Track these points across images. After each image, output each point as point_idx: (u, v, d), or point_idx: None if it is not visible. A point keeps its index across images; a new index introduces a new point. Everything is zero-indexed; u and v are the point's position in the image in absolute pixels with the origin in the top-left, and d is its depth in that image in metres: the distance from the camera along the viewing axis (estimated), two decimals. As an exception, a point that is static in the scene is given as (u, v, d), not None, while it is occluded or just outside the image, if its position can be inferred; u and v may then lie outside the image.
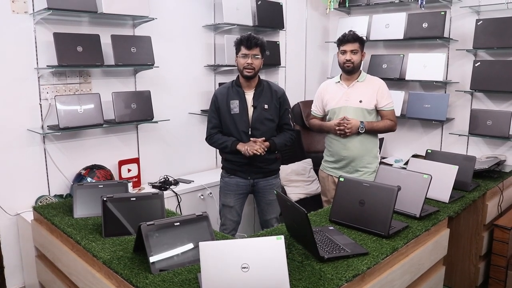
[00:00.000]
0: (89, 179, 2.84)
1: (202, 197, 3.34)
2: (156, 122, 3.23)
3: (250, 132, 2.68)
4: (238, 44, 2.66)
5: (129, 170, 3.17)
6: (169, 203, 3.02)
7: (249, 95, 2.71)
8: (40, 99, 2.79)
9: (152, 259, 1.66)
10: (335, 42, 3.01)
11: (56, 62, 2.69)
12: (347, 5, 4.15)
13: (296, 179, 3.68)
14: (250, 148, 2.59)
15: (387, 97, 2.87)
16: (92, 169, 2.92)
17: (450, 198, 2.43)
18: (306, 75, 4.40)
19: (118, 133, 3.20)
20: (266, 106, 2.70)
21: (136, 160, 3.23)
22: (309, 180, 3.74)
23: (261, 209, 2.86)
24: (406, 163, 3.34)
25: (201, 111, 3.66)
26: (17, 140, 2.74)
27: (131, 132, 3.28)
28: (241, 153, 2.63)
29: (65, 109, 2.74)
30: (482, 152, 3.58)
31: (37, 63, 2.75)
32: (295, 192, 3.62)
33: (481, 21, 3.38)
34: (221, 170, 2.88)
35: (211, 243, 1.48)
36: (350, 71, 2.84)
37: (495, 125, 3.29)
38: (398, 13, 3.88)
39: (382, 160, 3.80)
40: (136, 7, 2.96)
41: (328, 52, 4.59)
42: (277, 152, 2.79)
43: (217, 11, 3.65)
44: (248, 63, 2.61)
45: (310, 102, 3.23)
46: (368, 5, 4.09)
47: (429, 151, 2.89)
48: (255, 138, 2.65)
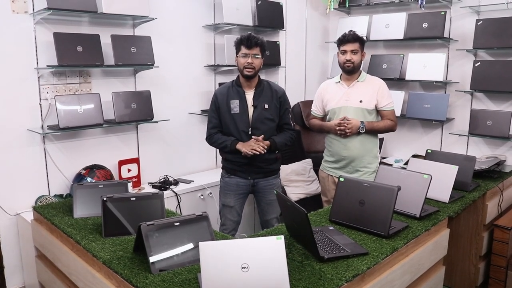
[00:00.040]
0: (89, 179, 2.84)
1: (202, 197, 3.34)
2: (156, 122, 3.23)
3: (250, 132, 2.68)
4: (238, 44, 2.66)
5: (129, 170, 3.17)
6: (169, 203, 3.02)
7: (249, 95, 2.71)
8: (40, 99, 2.79)
9: (152, 259, 1.66)
10: (335, 42, 3.01)
11: (56, 62, 2.69)
12: (347, 5, 4.15)
13: (296, 179, 3.68)
14: (250, 149, 2.59)
15: (387, 97, 2.87)
16: (92, 169, 2.92)
17: (450, 198, 2.43)
18: (306, 75, 4.40)
19: (118, 133, 3.20)
20: (266, 106, 2.70)
21: (136, 160, 3.23)
22: (309, 180, 3.74)
23: (262, 209, 2.86)
24: (406, 163, 3.34)
25: (201, 111, 3.66)
26: (17, 140, 2.74)
27: (131, 132, 3.28)
28: (241, 153, 2.63)
29: (65, 109, 2.74)
30: (482, 152, 3.57)
31: (37, 63, 2.75)
32: (295, 192, 3.62)
33: (481, 21, 3.38)
34: (221, 170, 2.87)
35: (211, 243, 1.48)
36: (350, 71, 2.84)
37: (495, 125, 3.29)
38: (398, 13, 3.88)
39: (382, 160, 3.79)
40: (136, 7, 2.96)
41: (328, 52, 4.59)
42: (277, 152, 2.79)
43: (217, 11, 3.65)
44: (248, 62, 2.61)
45: (310, 102, 3.23)
46: (368, 5, 4.09)
47: (429, 151, 2.89)
48: (256, 136, 2.65)
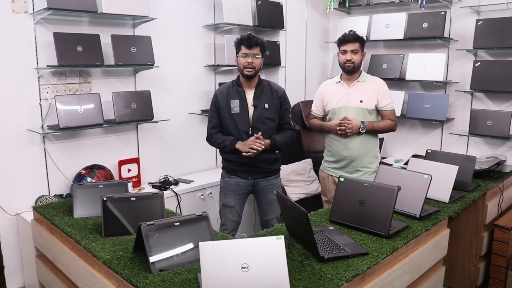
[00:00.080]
0: (89, 179, 2.84)
1: (202, 197, 3.34)
2: (156, 122, 3.22)
3: (250, 132, 2.67)
4: (238, 44, 2.66)
5: (129, 170, 3.17)
6: (169, 203, 3.02)
7: (250, 95, 2.71)
8: (40, 99, 2.79)
9: (152, 259, 1.66)
10: (335, 42, 3.01)
11: (56, 62, 2.69)
12: (347, 5, 4.15)
13: (296, 179, 3.68)
14: (248, 148, 2.59)
15: (387, 97, 2.87)
16: (92, 169, 2.92)
17: (450, 198, 2.43)
18: (306, 75, 4.40)
19: (118, 133, 3.20)
20: (266, 106, 2.69)
21: (136, 160, 3.23)
22: (309, 180, 3.74)
23: (262, 209, 2.85)
24: (406, 163, 3.34)
25: (201, 111, 3.66)
26: (17, 140, 2.74)
27: (131, 132, 3.28)
28: (241, 152, 2.63)
29: (65, 109, 2.74)
30: (482, 152, 3.57)
31: (37, 63, 2.75)
32: (295, 192, 3.62)
33: (481, 21, 3.38)
34: (222, 170, 2.87)
35: (211, 243, 1.48)
36: (350, 71, 2.84)
37: (495, 125, 3.29)
38: (398, 13, 3.88)
39: (382, 160, 3.79)
40: (136, 7, 2.96)
41: (328, 52, 4.59)
42: (277, 152, 2.79)
43: (217, 11, 3.65)
44: (248, 62, 2.61)
45: (310, 102, 3.22)
46: (368, 5, 4.09)
47: (429, 151, 2.88)
48: (256, 134, 2.64)
